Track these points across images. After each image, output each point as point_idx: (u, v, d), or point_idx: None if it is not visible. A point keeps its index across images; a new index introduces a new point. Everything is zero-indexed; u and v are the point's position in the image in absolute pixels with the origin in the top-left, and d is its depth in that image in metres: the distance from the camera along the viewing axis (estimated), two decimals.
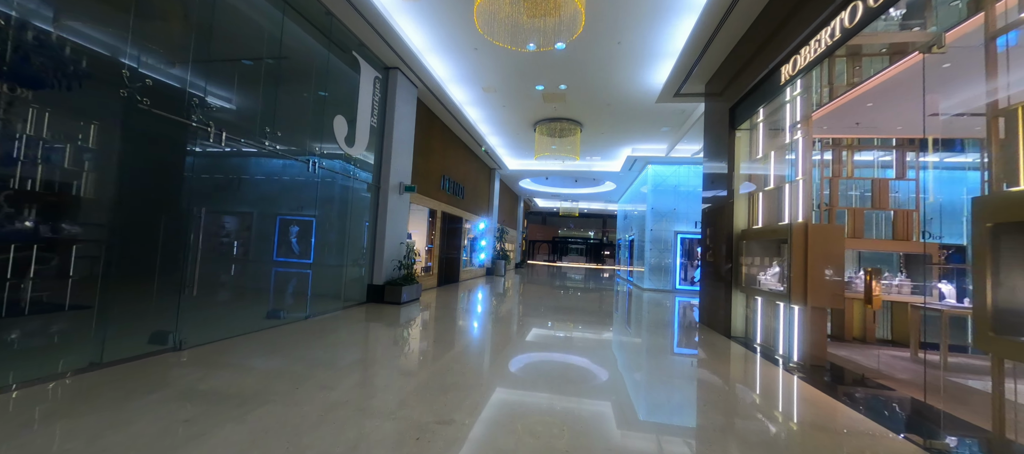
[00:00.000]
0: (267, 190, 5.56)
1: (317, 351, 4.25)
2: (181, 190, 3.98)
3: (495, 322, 6.64)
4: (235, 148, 4.53)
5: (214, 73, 4.39)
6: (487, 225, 16.54)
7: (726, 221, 6.45)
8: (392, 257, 7.81)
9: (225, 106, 4.45)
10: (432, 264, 10.68)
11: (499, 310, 7.94)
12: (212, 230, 4.37)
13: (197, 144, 4.08)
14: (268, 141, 4.89)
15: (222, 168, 4.69)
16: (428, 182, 10.26)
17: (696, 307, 10.33)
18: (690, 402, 3.45)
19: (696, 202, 13.78)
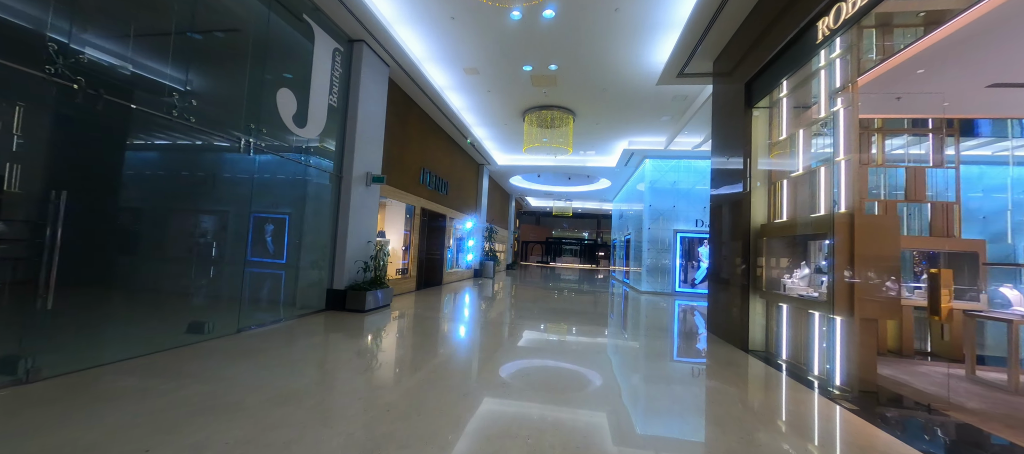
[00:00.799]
0: (186, 175, 4.54)
1: (239, 377, 3.25)
2: (33, 167, 2.97)
3: (474, 334, 5.65)
4: (125, 115, 3.51)
5: (94, 15, 3.37)
6: (475, 224, 15.55)
7: (741, 215, 5.53)
8: (357, 258, 6.80)
9: (107, 60, 3.43)
10: (409, 266, 9.67)
11: (481, 319, 6.96)
12: (89, 222, 3.35)
13: (62, 104, 3.06)
14: (178, 111, 3.87)
15: (108, 143, 3.67)
16: (405, 175, 9.26)
17: (697, 311, 9.44)
18: (718, 449, 2.50)
19: (697, 199, 12.92)
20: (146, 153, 4.44)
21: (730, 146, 6.04)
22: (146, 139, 4.41)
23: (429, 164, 10.70)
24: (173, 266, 4.54)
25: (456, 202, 13.32)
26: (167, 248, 4.76)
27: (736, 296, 5.59)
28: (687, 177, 13.04)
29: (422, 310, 7.35)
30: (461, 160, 13.79)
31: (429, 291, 10.20)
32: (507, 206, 23.45)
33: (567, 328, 6.26)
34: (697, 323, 7.58)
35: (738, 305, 5.50)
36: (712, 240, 6.66)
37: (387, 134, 8.15)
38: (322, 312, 6.37)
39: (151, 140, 4.44)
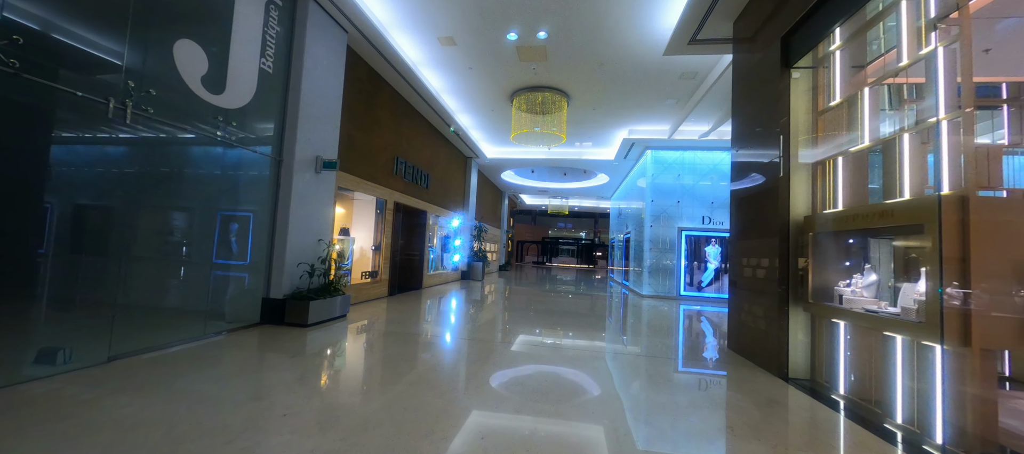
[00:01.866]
0: (27, 146, 3.31)
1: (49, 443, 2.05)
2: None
3: (442, 358, 4.45)
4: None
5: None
6: (462, 222, 14.35)
7: (775, 206, 4.36)
8: (302, 259, 5.59)
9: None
10: (379, 268, 8.45)
11: (456, 335, 5.77)
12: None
13: None
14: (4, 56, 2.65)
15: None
16: (373, 164, 8.05)
17: (705, 317, 8.27)
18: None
19: (704, 194, 11.75)
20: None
21: (759, 121, 4.86)
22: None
23: (405, 153, 9.48)
24: (11, 272, 3.31)
25: (439, 197, 12.11)
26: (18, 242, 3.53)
27: (769, 307, 4.42)
28: (693, 170, 11.88)
29: (389, 321, 6.14)
30: (445, 151, 12.58)
31: (405, 297, 8.98)
32: (499, 204, 22.26)
33: (558, 345, 5.08)
34: (705, 330, 6.39)
35: (772, 319, 4.33)
36: (733, 238, 5.48)
37: (348, 114, 6.94)
38: (255, 327, 5.16)
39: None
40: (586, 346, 5.09)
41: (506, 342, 5.08)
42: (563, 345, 5.10)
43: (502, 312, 7.73)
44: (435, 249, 12.83)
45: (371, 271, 8.34)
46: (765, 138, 4.68)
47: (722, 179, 11.71)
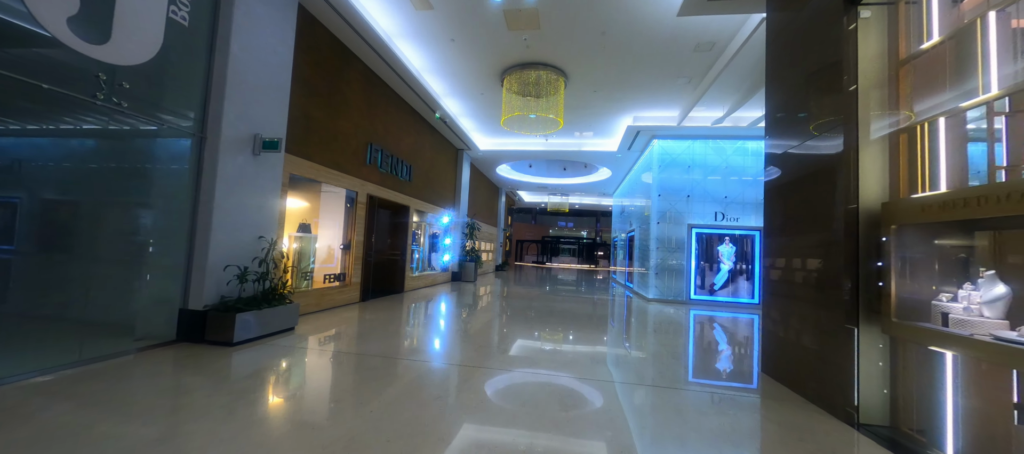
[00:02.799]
0: None
1: None
2: None
3: (397, 390, 3.38)
4: None
5: None
6: (452, 219, 13.28)
7: (836, 191, 3.27)
8: (233, 260, 4.52)
9: None
10: (348, 270, 7.38)
11: (423, 351, 4.70)
12: None
13: None
14: None
15: None
16: (340, 150, 6.98)
17: (721, 325, 7.17)
18: None
19: (716, 188, 10.65)
20: None
21: (808, 85, 3.77)
22: None
23: (381, 140, 8.41)
24: None
25: (425, 191, 11.03)
26: None
27: (826, 325, 3.33)
28: (704, 162, 10.77)
29: (348, 336, 5.07)
30: (431, 141, 11.50)
31: (381, 303, 7.91)
32: (495, 200, 21.18)
33: (551, 361, 4.00)
34: (725, 343, 5.27)
35: (832, 341, 3.24)
36: (769, 234, 4.38)
37: (303, 89, 5.87)
38: (169, 345, 4.10)
39: None
40: (582, 369, 4.01)
41: (484, 369, 4.00)
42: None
43: (488, 323, 6.65)
44: (421, 248, 11.77)
45: (338, 274, 7.27)
46: (818, 105, 3.59)
47: (735, 172, 10.60)
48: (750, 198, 10.48)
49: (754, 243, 10.40)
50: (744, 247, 10.48)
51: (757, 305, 10.19)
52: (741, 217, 10.47)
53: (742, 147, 10.63)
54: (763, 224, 4.47)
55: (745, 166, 10.58)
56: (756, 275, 10.31)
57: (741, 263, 10.46)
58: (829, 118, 3.40)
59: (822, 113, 3.51)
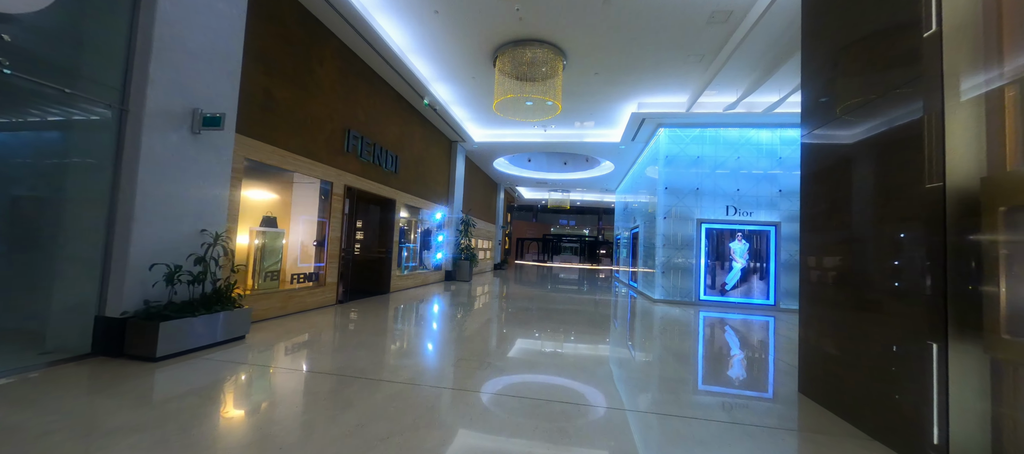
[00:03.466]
0: None
1: None
2: None
3: (355, 421, 2.64)
4: None
5: None
6: (445, 215, 12.54)
7: (907, 170, 2.52)
8: (163, 258, 3.79)
9: None
10: (324, 269, 6.65)
11: (393, 368, 3.97)
12: None
13: None
14: None
15: None
16: (311, 135, 6.25)
17: (735, 329, 6.41)
18: None
19: (727, 181, 9.86)
20: None
21: (868, 32, 3.00)
22: None
23: (362, 126, 7.67)
24: None
25: (414, 185, 10.30)
26: None
27: (893, 340, 2.58)
28: (715, 151, 9.98)
29: (308, 347, 4.35)
30: (421, 131, 10.76)
31: (360, 305, 7.19)
32: (494, 197, 20.44)
33: (538, 401, 3.26)
34: (744, 351, 4.49)
35: (904, 363, 2.49)
36: (810, 225, 3.61)
37: (261, 62, 5.14)
38: (83, 359, 3.38)
39: None
40: (582, 381, 3.27)
41: (463, 392, 3.26)
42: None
43: (476, 328, 5.91)
44: (411, 246, 11.05)
45: (310, 274, 6.54)
46: (881, 60, 2.83)
47: (748, 163, 9.82)
48: (764, 191, 9.69)
49: (769, 239, 9.62)
50: (758, 244, 9.71)
51: (772, 306, 9.42)
52: (755, 211, 9.69)
53: (756, 136, 9.84)
54: (802, 216, 3.70)
55: (759, 156, 9.79)
56: (771, 274, 9.53)
57: (754, 261, 9.69)
58: (898, 77, 2.63)
59: (887, 71, 2.74)
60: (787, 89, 8.11)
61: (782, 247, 9.48)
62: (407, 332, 5.35)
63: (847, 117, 3.15)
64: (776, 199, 9.64)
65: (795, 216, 9.49)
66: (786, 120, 9.41)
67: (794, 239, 9.44)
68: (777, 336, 6.37)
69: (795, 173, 9.60)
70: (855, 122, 3.06)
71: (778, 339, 6.11)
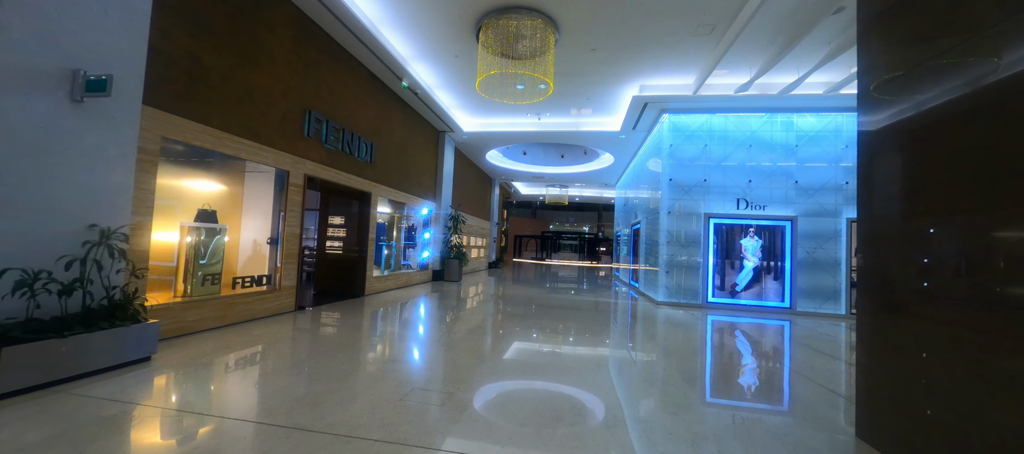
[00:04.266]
0: None
1: None
2: None
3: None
4: None
5: None
6: (431, 210, 11.66)
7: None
8: (19, 262, 2.90)
9: None
10: (278, 271, 5.77)
11: (344, 400, 3.10)
12: None
13: None
14: None
15: None
16: (260, 114, 5.36)
17: (750, 338, 5.53)
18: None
19: (738, 172, 8.97)
20: None
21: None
22: None
23: (326, 108, 6.78)
24: None
25: (394, 177, 9.41)
26: None
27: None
28: (724, 138, 9.08)
29: (233, 375, 3.49)
30: (403, 118, 9.86)
31: (324, 313, 6.33)
32: (488, 192, 19.55)
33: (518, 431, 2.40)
34: (767, 366, 3.61)
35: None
36: (878, 218, 2.72)
37: (186, 20, 4.25)
38: None
39: None
40: (577, 426, 2.40)
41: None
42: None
43: (451, 344, 5.04)
44: (392, 244, 10.17)
45: (261, 276, 5.66)
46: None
47: (762, 152, 8.91)
48: (779, 183, 8.80)
49: (784, 235, 8.74)
50: (772, 240, 8.82)
51: (788, 309, 8.55)
52: (769, 205, 8.81)
53: (770, 122, 8.94)
54: (861, 200, 2.80)
55: (773, 145, 8.89)
56: (787, 273, 8.65)
57: (767, 260, 8.81)
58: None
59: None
60: (808, 65, 7.21)
61: (799, 244, 8.60)
62: (364, 349, 4.47)
63: (947, 74, 2.25)
64: (792, 192, 8.75)
65: (814, 210, 8.61)
66: (805, 103, 8.51)
67: (812, 236, 8.56)
68: (800, 345, 5.50)
69: (812, 164, 8.71)
70: (960, 73, 2.17)
71: (803, 351, 5.23)
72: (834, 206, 8.59)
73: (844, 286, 8.43)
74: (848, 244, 8.47)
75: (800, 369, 4.36)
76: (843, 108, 8.58)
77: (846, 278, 8.42)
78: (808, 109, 8.73)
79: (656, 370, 4.09)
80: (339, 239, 8.28)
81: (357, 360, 3.93)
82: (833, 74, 7.73)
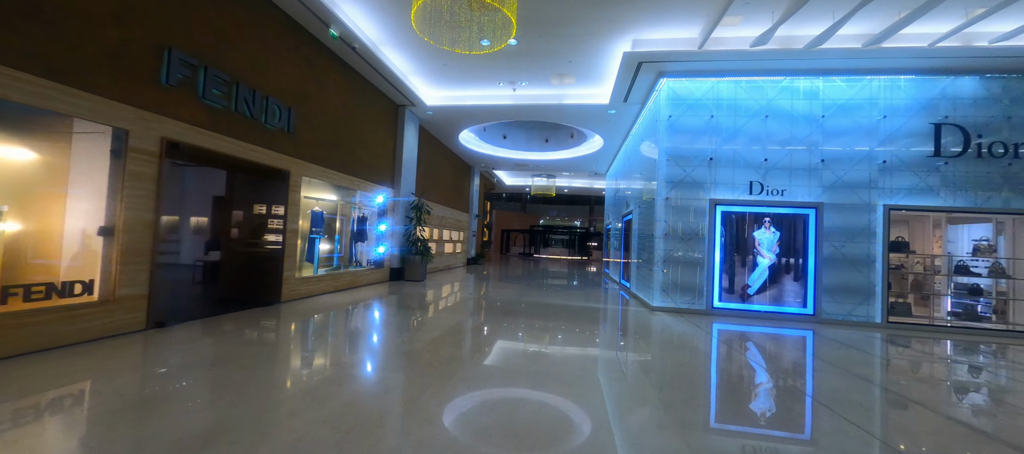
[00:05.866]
0: None
1: None
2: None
3: None
4: None
5: None
6: (388, 198, 9.92)
7: None
8: None
9: None
10: (111, 275, 4.02)
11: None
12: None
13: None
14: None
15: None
16: (70, 44, 3.60)
17: (756, 349, 3.92)
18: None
19: (751, 148, 7.35)
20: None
21: None
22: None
23: (206, 50, 4.99)
24: None
25: (330, 154, 7.65)
26: None
27: None
28: (735, 108, 7.44)
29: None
30: (342, 83, 8.10)
31: (206, 328, 4.61)
32: (466, 181, 17.81)
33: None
34: (790, 407, 2.16)
35: None
36: None
37: None
38: None
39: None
40: None
41: None
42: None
43: (353, 375, 3.35)
44: (337, 237, 8.44)
45: (68, 283, 3.88)
46: None
47: (781, 123, 7.28)
48: (800, 162, 7.20)
49: (806, 226, 7.15)
50: (793, 232, 7.23)
51: (812, 316, 6.99)
52: (788, 189, 7.20)
53: (790, 87, 7.32)
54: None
55: (794, 115, 7.27)
56: (810, 273, 7.07)
57: (786, 256, 7.23)
58: None
59: None
60: (846, 6, 5.56)
61: (825, 236, 7.02)
62: (199, 404, 2.75)
63: None
64: (816, 173, 7.15)
65: (843, 196, 7.02)
66: (835, 62, 6.87)
67: (841, 226, 6.98)
68: (846, 373, 3.88)
69: (841, 139, 7.11)
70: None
71: (852, 382, 3.61)
72: (867, 191, 7.01)
73: (880, 288, 6.87)
74: (885, 237, 6.91)
75: (859, 409, 2.73)
76: (882, 70, 6.97)
77: (883, 279, 6.87)
78: (839, 72, 7.11)
79: (646, 437, 2.43)
80: (241, 230, 6.50)
81: (167, 432, 2.22)
82: (872, 23, 6.12)
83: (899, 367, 4.62)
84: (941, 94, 6.93)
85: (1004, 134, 6.73)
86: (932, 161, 6.89)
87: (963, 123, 6.83)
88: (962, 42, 6.27)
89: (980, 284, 7.30)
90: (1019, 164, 6.69)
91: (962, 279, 7.31)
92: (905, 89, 7.03)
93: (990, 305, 7.23)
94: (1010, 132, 6.73)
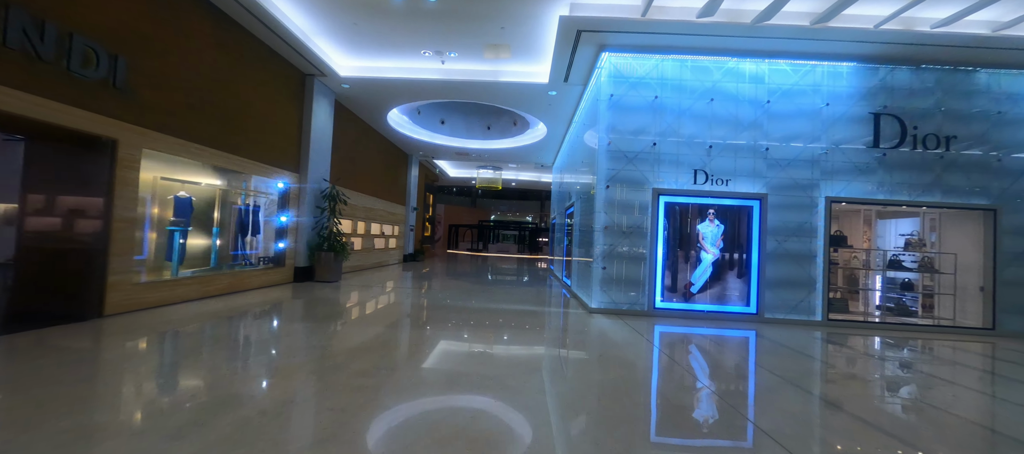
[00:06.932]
0: None
1: None
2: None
3: None
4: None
5: None
6: (289, 185, 8.34)
7: None
8: None
9: None
10: None
11: None
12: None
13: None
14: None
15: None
16: None
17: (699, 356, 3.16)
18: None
19: (697, 132, 6.74)
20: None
21: None
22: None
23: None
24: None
25: (195, 125, 6.03)
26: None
27: None
28: (680, 89, 6.79)
29: None
30: (216, 37, 6.50)
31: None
32: (402, 171, 16.30)
33: None
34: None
35: None
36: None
37: None
38: None
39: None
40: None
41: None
42: None
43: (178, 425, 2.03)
44: (215, 229, 6.82)
45: None
46: None
47: (727, 107, 6.73)
48: (745, 151, 6.70)
49: (751, 218, 6.67)
50: (737, 225, 6.73)
51: (755, 315, 6.52)
52: (733, 179, 6.68)
53: (736, 69, 6.79)
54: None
55: (739, 99, 6.75)
56: (753, 269, 6.60)
57: (730, 251, 6.73)
58: None
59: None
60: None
61: (768, 231, 6.58)
62: None
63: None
64: (760, 163, 6.69)
65: (786, 186, 6.61)
66: (780, 44, 6.40)
67: (783, 219, 6.57)
68: (799, 389, 3.18)
69: (785, 125, 6.69)
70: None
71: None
72: (810, 182, 6.66)
73: (820, 285, 6.54)
74: (826, 230, 6.58)
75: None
76: (826, 55, 6.62)
77: (823, 276, 6.54)
78: (785, 54, 6.67)
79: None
80: (62, 221, 4.79)
81: None
82: (819, 1, 5.66)
83: (837, 375, 4.08)
84: (881, 83, 6.71)
85: (937, 125, 6.63)
86: (871, 152, 6.66)
87: (900, 114, 6.65)
88: (904, 25, 6.00)
89: (911, 279, 7.25)
90: (949, 157, 6.61)
91: (894, 274, 7.22)
92: (847, 77, 6.74)
93: (917, 300, 7.21)
94: (942, 122, 6.64)
